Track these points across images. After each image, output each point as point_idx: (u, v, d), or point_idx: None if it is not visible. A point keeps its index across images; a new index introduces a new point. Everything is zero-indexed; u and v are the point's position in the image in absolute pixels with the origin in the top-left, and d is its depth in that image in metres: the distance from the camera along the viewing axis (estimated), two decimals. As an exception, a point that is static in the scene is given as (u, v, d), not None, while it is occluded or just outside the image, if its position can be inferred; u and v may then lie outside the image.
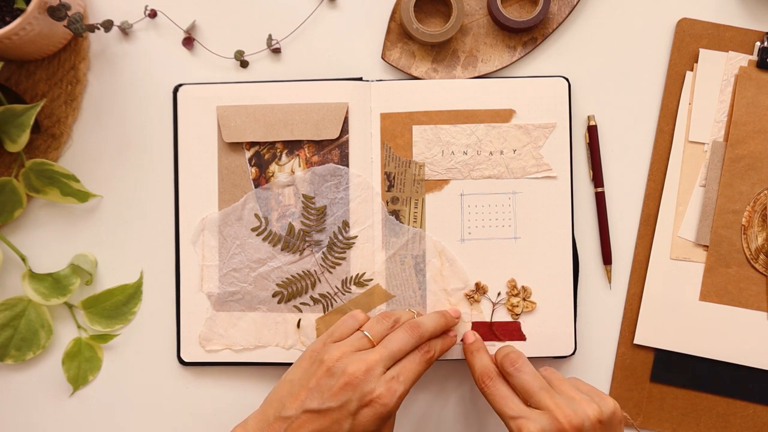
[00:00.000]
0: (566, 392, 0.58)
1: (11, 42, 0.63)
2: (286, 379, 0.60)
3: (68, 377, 0.69)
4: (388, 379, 0.57)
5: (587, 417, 0.56)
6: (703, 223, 0.68)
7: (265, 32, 0.70)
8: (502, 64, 0.70)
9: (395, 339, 0.60)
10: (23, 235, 0.70)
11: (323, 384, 0.57)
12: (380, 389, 0.57)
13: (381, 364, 0.58)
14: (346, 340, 0.60)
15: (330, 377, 0.57)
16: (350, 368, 0.57)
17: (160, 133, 0.70)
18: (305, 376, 0.59)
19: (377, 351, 0.59)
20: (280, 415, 0.57)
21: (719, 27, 0.69)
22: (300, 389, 0.58)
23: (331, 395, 0.56)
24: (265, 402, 0.60)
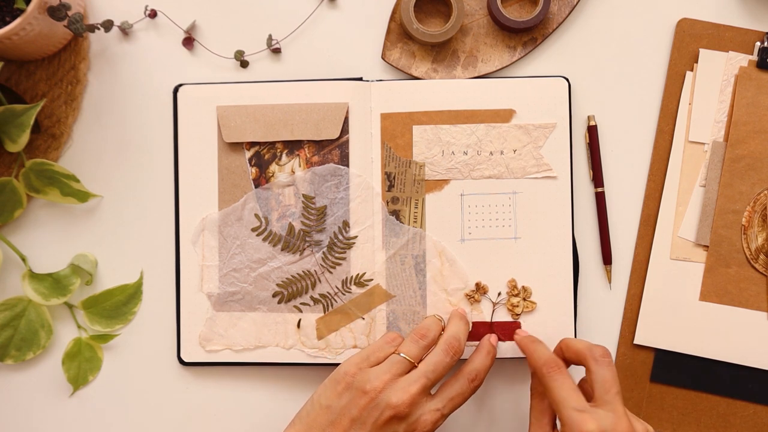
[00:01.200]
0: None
1: (11, 42, 0.63)
2: (322, 404, 0.59)
3: (68, 377, 0.69)
4: (432, 410, 0.58)
5: (643, 430, 0.56)
6: (703, 223, 0.68)
7: (265, 32, 0.70)
8: (502, 64, 0.70)
9: (435, 363, 0.60)
10: (23, 235, 0.70)
11: (367, 416, 0.57)
12: (425, 418, 0.57)
13: (425, 392, 0.58)
14: (383, 365, 0.60)
15: (374, 409, 0.57)
16: (394, 400, 0.57)
17: (160, 133, 0.70)
18: (347, 405, 0.58)
19: (419, 381, 0.58)
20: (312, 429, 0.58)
21: (719, 27, 0.69)
22: (342, 418, 0.58)
23: (376, 428, 0.57)
24: (299, 423, 0.59)
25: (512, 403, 0.70)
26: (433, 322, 0.64)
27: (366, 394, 0.58)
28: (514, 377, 0.70)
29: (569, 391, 0.56)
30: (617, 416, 0.54)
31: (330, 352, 0.68)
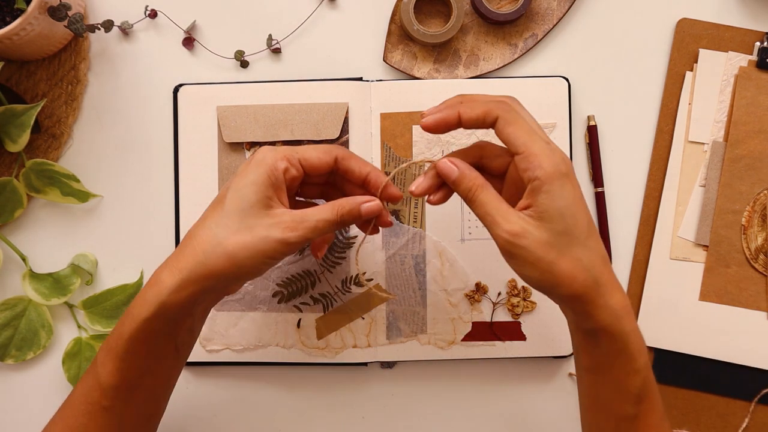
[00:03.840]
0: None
1: (11, 42, 0.63)
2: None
3: (68, 377, 0.69)
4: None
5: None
6: (703, 223, 0.68)
7: (265, 32, 0.70)
8: (504, 62, 0.70)
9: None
10: (23, 235, 0.70)
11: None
12: (263, 147, 0.56)
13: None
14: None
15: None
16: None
17: (160, 133, 0.70)
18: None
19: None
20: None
21: (719, 27, 0.69)
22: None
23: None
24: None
25: (512, 403, 0.70)
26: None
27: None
28: (515, 377, 0.70)
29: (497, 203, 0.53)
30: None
31: (330, 351, 0.68)
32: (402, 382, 0.70)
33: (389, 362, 0.69)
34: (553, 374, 0.70)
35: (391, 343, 0.68)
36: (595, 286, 0.52)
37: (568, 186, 0.52)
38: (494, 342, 0.68)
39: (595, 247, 0.52)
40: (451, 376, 0.70)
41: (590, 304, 0.52)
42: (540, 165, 0.51)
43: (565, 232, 0.51)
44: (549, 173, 0.51)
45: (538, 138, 0.52)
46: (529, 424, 0.69)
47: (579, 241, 0.52)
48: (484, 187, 0.54)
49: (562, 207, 0.51)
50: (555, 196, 0.51)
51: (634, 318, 0.53)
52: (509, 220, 0.52)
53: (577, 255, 0.51)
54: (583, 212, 0.52)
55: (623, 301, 0.52)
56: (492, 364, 0.69)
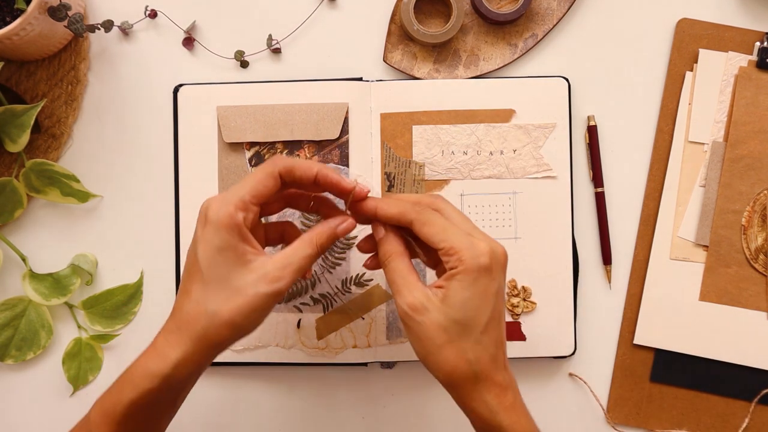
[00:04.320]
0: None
1: (11, 42, 0.63)
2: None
3: (68, 377, 0.69)
4: (221, 194, 0.55)
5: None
6: (703, 223, 0.68)
7: (265, 32, 0.70)
8: (504, 62, 0.70)
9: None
10: (23, 235, 0.70)
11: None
12: (211, 200, 0.54)
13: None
14: None
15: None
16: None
17: (160, 133, 0.70)
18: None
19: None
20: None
21: (719, 27, 0.69)
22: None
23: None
24: None
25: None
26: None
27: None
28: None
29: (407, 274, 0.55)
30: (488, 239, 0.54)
31: (330, 351, 0.68)
32: (402, 382, 0.70)
33: (389, 362, 0.69)
34: (553, 374, 0.70)
35: (391, 343, 0.68)
36: (473, 380, 0.53)
37: (482, 281, 0.53)
38: (494, 342, 0.68)
39: (487, 344, 0.53)
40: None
41: (465, 396, 0.53)
42: (459, 258, 0.53)
43: (461, 322, 0.52)
44: (467, 266, 0.52)
45: (457, 233, 0.54)
46: (529, 424, 0.69)
47: (472, 335, 0.53)
48: (398, 255, 0.55)
49: (467, 298, 0.52)
50: (464, 285, 0.53)
51: (513, 410, 0.53)
52: (413, 293, 0.53)
53: (465, 347, 0.52)
54: (489, 309, 0.53)
55: (505, 398, 0.53)
56: (492, 364, 0.69)
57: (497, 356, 0.54)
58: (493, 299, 0.53)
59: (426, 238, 0.54)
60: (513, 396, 0.54)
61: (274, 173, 0.55)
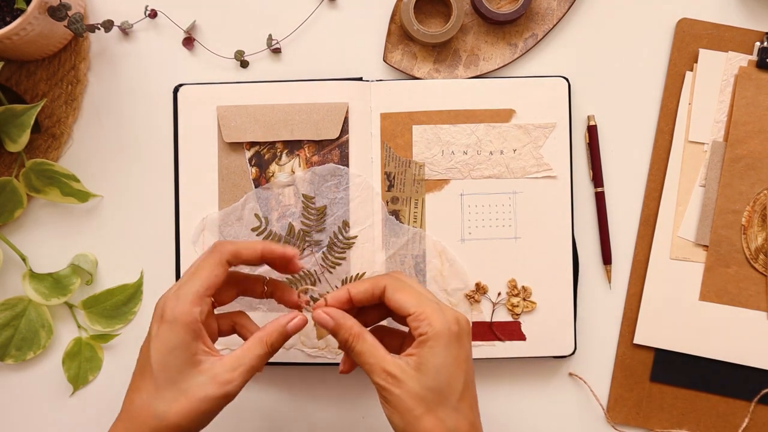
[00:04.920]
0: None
1: (11, 42, 0.63)
2: None
3: (68, 377, 0.69)
4: (176, 289, 0.55)
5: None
6: (703, 223, 0.68)
7: (265, 32, 0.70)
8: (504, 62, 0.70)
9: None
10: (23, 235, 0.70)
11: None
12: (168, 296, 0.54)
13: (177, 284, 0.56)
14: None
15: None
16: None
17: (160, 133, 0.70)
18: None
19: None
20: None
21: (719, 27, 0.69)
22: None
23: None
24: None
25: (512, 403, 0.70)
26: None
27: None
28: (515, 377, 0.70)
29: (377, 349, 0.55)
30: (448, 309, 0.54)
31: (330, 352, 0.68)
32: (402, 382, 0.70)
33: (389, 362, 0.69)
34: (553, 374, 0.70)
35: (391, 343, 0.68)
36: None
37: (453, 346, 0.53)
38: (494, 342, 0.68)
39: (465, 412, 0.54)
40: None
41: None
42: (430, 323, 0.53)
43: (437, 389, 0.53)
44: (437, 331, 0.53)
45: (427, 300, 0.54)
46: (529, 424, 0.69)
47: (449, 402, 0.53)
48: (360, 336, 0.55)
49: (440, 365, 0.53)
50: (436, 352, 0.53)
51: None
52: (387, 367, 0.53)
53: (443, 416, 0.53)
54: (462, 375, 0.53)
55: None
56: (492, 364, 0.69)
57: (475, 424, 0.54)
58: (465, 365, 0.54)
59: (398, 304, 0.55)
60: None
61: (222, 261, 0.55)
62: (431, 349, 0.53)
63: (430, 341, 0.53)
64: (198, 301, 0.53)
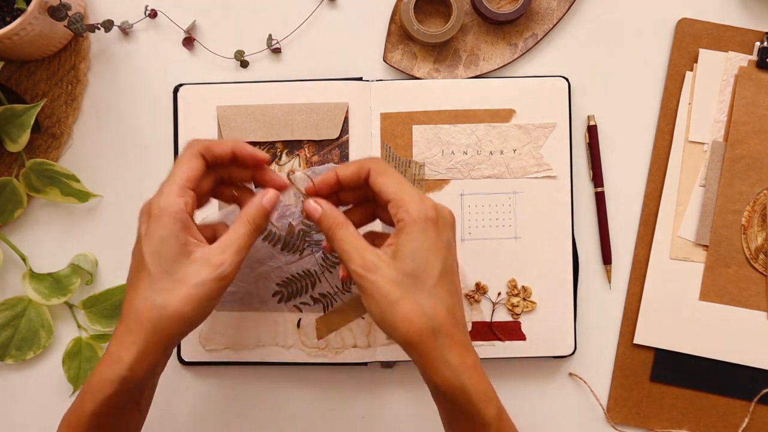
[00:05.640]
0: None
1: (11, 42, 0.63)
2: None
3: (68, 377, 0.69)
4: (161, 185, 0.56)
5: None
6: (703, 223, 0.68)
7: (265, 32, 0.70)
8: (504, 62, 0.70)
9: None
10: (23, 235, 0.70)
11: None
12: (154, 196, 0.55)
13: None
14: None
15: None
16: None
17: (160, 133, 0.70)
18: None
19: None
20: None
21: (719, 27, 0.69)
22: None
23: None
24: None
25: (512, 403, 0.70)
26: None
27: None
28: (515, 377, 0.70)
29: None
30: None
31: (330, 351, 0.68)
32: (402, 382, 0.70)
33: (389, 362, 0.69)
34: (553, 374, 0.70)
35: (391, 343, 0.68)
36: (432, 335, 0.52)
37: (430, 231, 0.53)
38: (494, 342, 0.68)
39: (442, 296, 0.53)
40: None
41: (425, 356, 0.52)
42: (407, 210, 0.53)
43: (413, 274, 0.52)
44: (414, 217, 0.53)
45: (408, 187, 0.55)
46: (529, 424, 0.69)
47: (425, 287, 0.53)
48: (342, 225, 0.55)
49: (416, 249, 0.53)
50: (412, 237, 0.53)
51: (475, 372, 0.53)
52: (363, 255, 0.53)
53: (420, 300, 0.52)
54: (440, 260, 0.53)
55: (466, 358, 0.53)
56: (492, 364, 0.69)
57: (455, 312, 0.53)
58: (444, 251, 0.54)
59: (380, 188, 0.55)
60: (474, 358, 0.53)
61: (197, 153, 0.56)
62: (407, 235, 0.53)
63: (407, 227, 0.53)
64: (181, 192, 0.54)
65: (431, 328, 0.52)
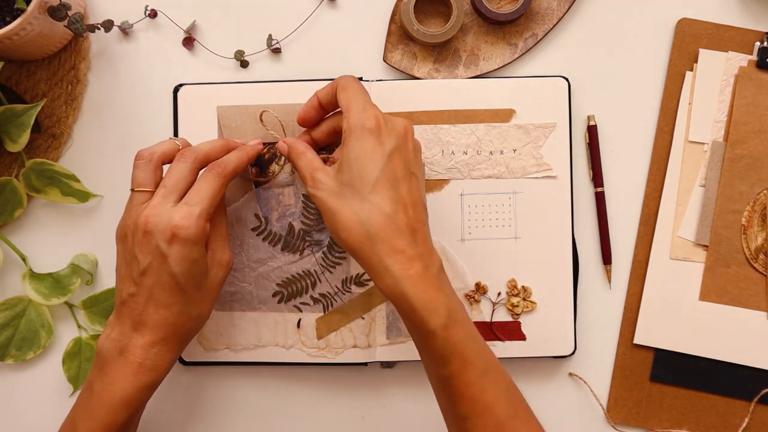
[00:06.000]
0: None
1: (11, 42, 0.63)
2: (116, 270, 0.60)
3: (68, 377, 0.69)
4: (179, 207, 0.56)
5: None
6: (703, 223, 0.68)
7: (265, 32, 0.70)
8: (504, 62, 0.70)
9: (169, 172, 0.58)
10: (23, 235, 0.70)
11: (130, 249, 0.57)
12: (175, 218, 0.55)
13: (165, 200, 0.57)
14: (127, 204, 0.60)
15: (133, 238, 0.56)
16: (140, 219, 0.56)
17: (160, 133, 0.70)
18: (121, 255, 0.58)
19: (157, 193, 0.57)
20: (122, 298, 0.57)
21: (719, 27, 0.69)
22: (122, 268, 0.58)
23: (141, 252, 0.56)
24: (114, 296, 0.60)
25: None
26: (160, 143, 0.61)
27: (121, 237, 0.58)
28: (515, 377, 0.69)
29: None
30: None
31: (330, 351, 0.68)
32: (402, 382, 0.70)
33: (389, 362, 0.69)
34: (553, 374, 0.70)
35: (391, 343, 0.68)
36: (369, 242, 0.53)
37: (367, 140, 0.54)
38: (494, 342, 0.68)
39: (378, 202, 0.54)
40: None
41: (366, 262, 0.54)
42: (347, 119, 0.56)
43: (350, 183, 0.54)
44: (351, 126, 0.55)
45: (358, 98, 0.56)
46: (529, 424, 0.69)
47: (360, 195, 0.54)
48: (301, 154, 0.60)
49: (352, 158, 0.54)
50: (349, 148, 0.55)
51: (420, 281, 0.53)
52: (313, 176, 0.57)
53: (354, 206, 0.54)
54: (376, 168, 0.54)
55: (409, 266, 0.53)
56: (492, 364, 0.69)
57: (396, 220, 0.54)
58: (382, 160, 0.54)
59: (340, 103, 0.58)
60: (423, 268, 0.53)
61: (221, 178, 0.59)
62: (346, 146, 0.55)
63: (346, 138, 0.56)
64: (208, 218, 0.57)
65: (367, 234, 0.53)
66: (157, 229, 0.55)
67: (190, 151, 0.60)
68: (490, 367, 0.55)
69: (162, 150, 0.60)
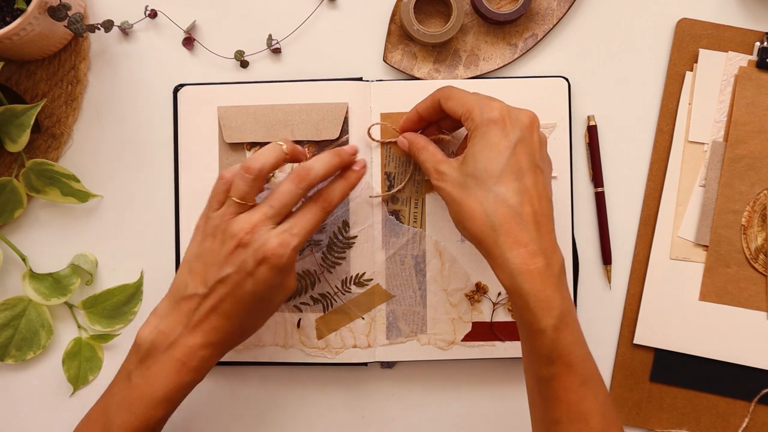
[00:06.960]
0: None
1: (11, 42, 0.63)
2: (184, 260, 0.59)
3: (68, 377, 0.69)
4: (279, 233, 0.56)
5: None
6: (703, 223, 0.68)
7: (265, 32, 0.70)
8: (504, 62, 0.70)
9: (279, 193, 0.57)
10: (23, 235, 0.70)
11: (217, 253, 0.57)
12: (272, 243, 0.55)
13: (267, 221, 0.56)
14: (222, 208, 0.58)
15: (222, 244, 0.56)
16: (236, 229, 0.56)
17: (160, 133, 0.70)
18: (199, 252, 0.58)
19: (260, 209, 0.57)
20: (186, 294, 0.57)
21: (719, 27, 0.69)
22: (197, 265, 0.58)
23: (226, 261, 0.56)
24: (171, 287, 0.59)
25: (512, 403, 0.70)
26: (265, 149, 0.59)
27: (211, 235, 0.58)
28: (515, 377, 0.70)
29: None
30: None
31: (330, 351, 0.68)
32: (402, 382, 0.70)
33: (389, 362, 0.69)
34: (553, 374, 0.70)
35: (391, 343, 0.68)
36: (493, 233, 0.53)
37: (492, 132, 0.55)
38: (494, 342, 0.68)
39: (503, 194, 0.54)
40: (451, 376, 0.70)
41: (489, 254, 0.54)
42: (472, 117, 0.56)
43: (474, 174, 0.55)
44: (476, 123, 0.56)
45: (473, 98, 0.58)
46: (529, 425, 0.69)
47: (485, 185, 0.54)
48: (423, 148, 0.61)
49: (477, 150, 0.55)
50: (476, 140, 0.56)
51: (539, 277, 0.52)
52: (437, 168, 0.58)
53: (480, 197, 0.54)
54: (501, 160, 0.55)
55: (530, 261, 0.53)
56: (492, 364, 0.69)
57: (522, 213, 0.54)
58: (507, 152, 0.55)
59: (450, 111, 0.59)
60: (545, 265, 0.53)
61: (326, 218, 0.61)
62: (472, 140, 0.56)
63: (472, 133, 0.56)
64: (300, 248, 0.57)
65: (491, 225, 0.53)
66: (251, 247, 0.56)
67: (305, 173, 0.58)
68: (592, 377, 0.55)
69: (271, 163, 0.58)
